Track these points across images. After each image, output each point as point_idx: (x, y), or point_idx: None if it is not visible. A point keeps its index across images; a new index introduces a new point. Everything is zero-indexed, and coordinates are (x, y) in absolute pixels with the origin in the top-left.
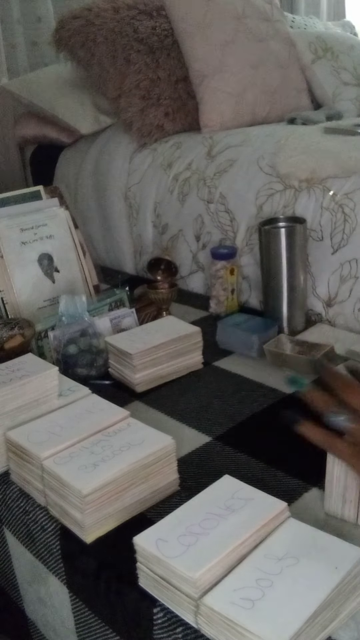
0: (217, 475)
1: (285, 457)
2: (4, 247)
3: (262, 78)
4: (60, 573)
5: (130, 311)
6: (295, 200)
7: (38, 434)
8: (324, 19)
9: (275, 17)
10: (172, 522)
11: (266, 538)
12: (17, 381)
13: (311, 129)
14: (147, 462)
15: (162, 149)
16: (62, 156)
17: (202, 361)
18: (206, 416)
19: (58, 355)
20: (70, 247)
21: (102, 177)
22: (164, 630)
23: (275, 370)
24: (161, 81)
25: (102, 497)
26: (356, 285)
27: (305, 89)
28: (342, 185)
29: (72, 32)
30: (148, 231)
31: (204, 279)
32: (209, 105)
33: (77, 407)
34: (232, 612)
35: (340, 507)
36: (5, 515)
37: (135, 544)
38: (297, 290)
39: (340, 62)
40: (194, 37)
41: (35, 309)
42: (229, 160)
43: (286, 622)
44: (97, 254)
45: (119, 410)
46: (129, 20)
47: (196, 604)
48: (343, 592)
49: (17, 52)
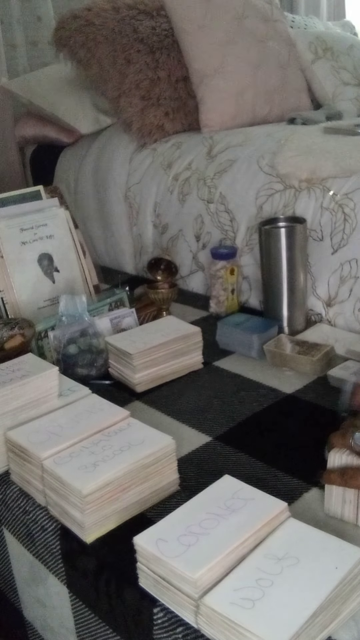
0: (217, 475)
1: (285, 457)
2: (4, 247)
3: (262, 78)
4: (60, 573)
5: (130, 311)
6: (295, 200)
7: (38, 434)
8: (324, 19)
9: (275, 17)
10: (172, 522)
11: (266, 538)
12: (17, 381)
13: (311, 129)
14: (147, 462)
15: (162, 149)
16: (62, 156)
17: (202, 361)
18: (206, 416)
19: (58, 355)
20: (70, 247)
21: (102, 177)
22: (164, 630)
23: (275, 370)
24: (161, 81)
25: (102, 497)
26: (356, 285)
27: (305, 89)
28: (342, 185)
29: (72, 32)
30: (148, 231)
31: (204, 279)
32: (209, 105)
33: (77, 407)
34: (232, 612)
35: (340, 507)
36: (5, 515)
37: (136, 544)
38: (297, 290)
39: (340, 62)
40: (194, 37)
41: (35, 309)
42: (229, 160)
43: (286, 622)
44: (97, 254)
45: (119, 410)
46: (129, 20)
47: (196, 604)
48: (343, 592)
49: (17, 52)
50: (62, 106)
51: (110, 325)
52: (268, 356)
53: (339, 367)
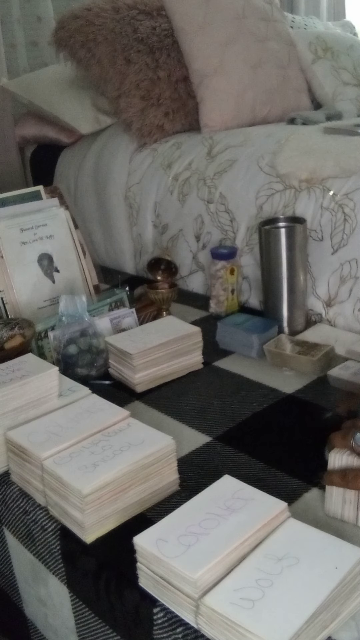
0: (217, 475)
1: (285, 457)
2: (4, 247)
3: (262, 78)
4: (60, 573)
5: (130, 311)
6: (295, 200)
7: (38, 434)
8: (324, 19)
9: (275, 17)
10: (172, 522)
11: (266, 538)
12: (17, 381)
13: (311, 129)
14: (147, 462)
15: (162, 149)
16: (62, 156)
17: (202, 361)
18: (206, 416)
19: (58, 355)
20: (70, 247)
21: (102, 177)
22: (164, 630)
23: (275, 370)
24: (161, 81)
25: (102, 497)
26: (356, 285)
27: (305, 89)
28: (342, 185)
29: (72, 32)
30: (148, 231)
31: (204, 279)
32: (209, 105)
33: (77, 407)
34: (232, 612)
35: (340, 507)
36: (5, 515)
37: (135, 544)
38: (297, 291)
39: (340, 62)
40: (194, 37)
41: (35, 309)
42: (229, 160)
43: (286, 622)
44: (97, 254)
45: (119, 410)
46: (129, 20)
47: (196, 604)
48: (343, 592)
49: (17, 52)
50: (62, 106)
51: (110, 325)
52: (268, 356)
53: (339, 367)
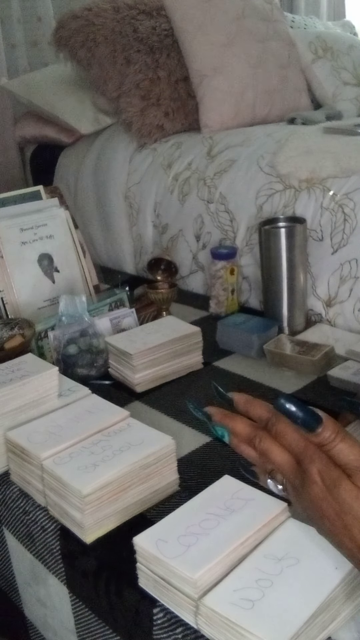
0: (217, 475)
1: None
2: (4, 247)
3: (262, 78)
4: (60, 573)
5: (130, 311)
6: (295, 200)
7: (38, 434)
8: (324, 19)
9: (275, 17)
10: (172, 522)
11: (266, 538)
12: (17, 381)
13: (311, 129)
14: (147, 462)
15: (162, 149)
16: (62, 156)
17: (202, 361)
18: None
19: (58, 355)
20: (70, 247)
21: (102, 177)
22: (164, 630)
23: (275, 370)
24: (161, 81)
25: (102, 497)
26: (356, 285)
27: (305, 89)
28: (342, 185)
29: (72, 32)
30: (148, 231)
31: (204, 279)
32: (209, 105)
33: (77, 407)
34: (232, 613)
35: None
36: (5, 516)
37: (135, 544)
38: (297, 291)
39: (340, 62)
40: (194, 37)
41: (35, 309)
42: (229, 160)
43: (286, 622)
44: (97, 254)
45: (119, 411)
46: (129, 20)
47: (196, 604)
48: (343, 592)
49: (17, 52)
50: (62, 106)
51: (110, 325)
52: (268, 356)
53: (339, 367)
